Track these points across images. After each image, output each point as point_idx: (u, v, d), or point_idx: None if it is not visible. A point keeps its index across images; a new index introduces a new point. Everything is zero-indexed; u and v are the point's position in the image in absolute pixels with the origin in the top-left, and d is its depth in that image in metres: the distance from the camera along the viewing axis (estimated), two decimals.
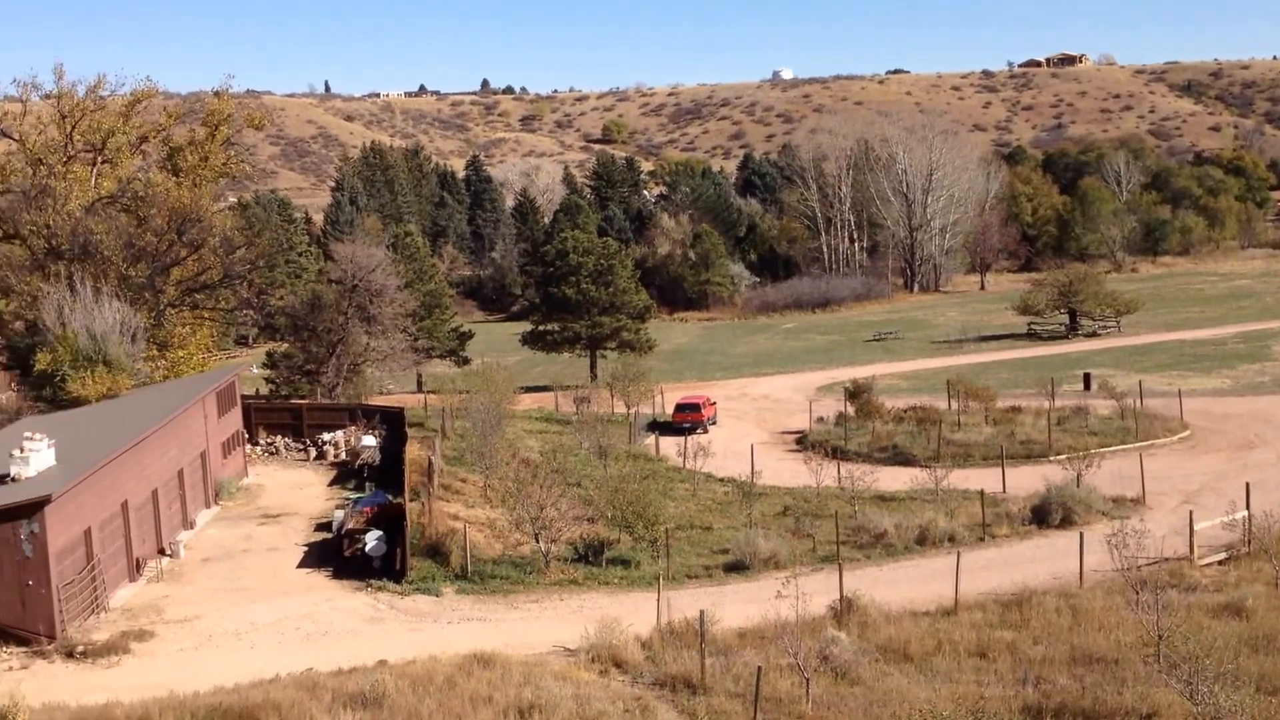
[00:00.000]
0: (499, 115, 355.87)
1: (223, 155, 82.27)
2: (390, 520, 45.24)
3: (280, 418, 66.27)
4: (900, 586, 39.29)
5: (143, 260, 71.34)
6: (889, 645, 32.94)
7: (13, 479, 39.24)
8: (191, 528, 49.68)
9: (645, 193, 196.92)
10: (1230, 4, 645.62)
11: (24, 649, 35.69)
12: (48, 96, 79.33)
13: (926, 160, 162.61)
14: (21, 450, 40.01)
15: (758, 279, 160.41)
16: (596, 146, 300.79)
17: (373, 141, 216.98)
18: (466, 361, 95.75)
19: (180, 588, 42.35)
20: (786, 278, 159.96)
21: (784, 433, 70.88)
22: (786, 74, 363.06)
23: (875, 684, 30.15)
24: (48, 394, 60.10)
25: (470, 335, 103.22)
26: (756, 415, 77.44)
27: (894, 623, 34.82)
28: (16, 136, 79.32)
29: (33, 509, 36.22)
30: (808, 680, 28.52)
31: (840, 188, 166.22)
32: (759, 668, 28.41)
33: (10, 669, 34.34)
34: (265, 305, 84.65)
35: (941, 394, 73.43)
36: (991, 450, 58.76)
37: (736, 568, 42.90)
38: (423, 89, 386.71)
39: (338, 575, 43.01)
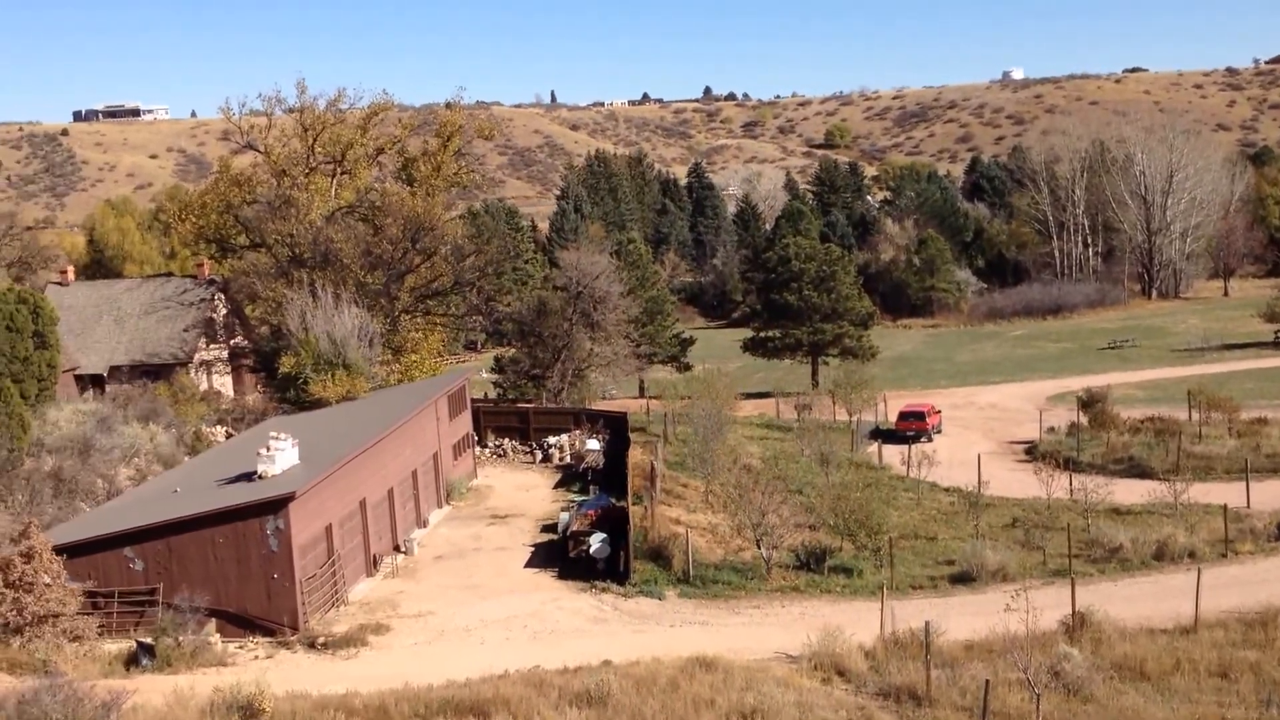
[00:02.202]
0: (721, 122, 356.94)
1: (454, 165, 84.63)
2: (614, 523, 45.83)
3: (507, 421, 67.86)
4: (1136, 603, 37.91)
5: (379, 267, 73.95)
6: (1124, 663, 31.83)
7: (259, 476, 41.17)
8: (425, 526, 51.28)
9: (869, 198, 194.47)
10: None
11: (269, 639, 37.42)
12: (291, 111, 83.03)
13: (1167, 161, 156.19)
14: (268, 449, 41.91)
15: (985, 285, 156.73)
16: (819, 152, 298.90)
17: (597, 150, 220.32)
18: (688, 367, 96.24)
19: (414, 584, 43.77)
20: (1015, 284, 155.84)
21: (1012, 442, 69.17)
22: (1017, 74, 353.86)
23: (1109, 702, 29.17)
24: (291, 395, 62.82)
25: (692, 341, 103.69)
26: (983, 424, 75.75)
27: (1129, 640, 33.64)
28: (262, 149, 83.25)
29: (278, 505, 37.95)
30: (1038, 696, 27.74)
31: (1073, 190, 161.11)
32: (986, 681, 27.80)
33: (256, 658, 36.04)
34: (493, 311, 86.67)
35: (1181, 404, 70.52)
36: (1235, 464, 56.20)
37: (963, 579, 42.09)
38: (646, 97, 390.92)
39: (563, 575, 43.82)
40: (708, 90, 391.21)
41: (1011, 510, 52.13)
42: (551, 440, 64.76)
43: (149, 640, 34.80)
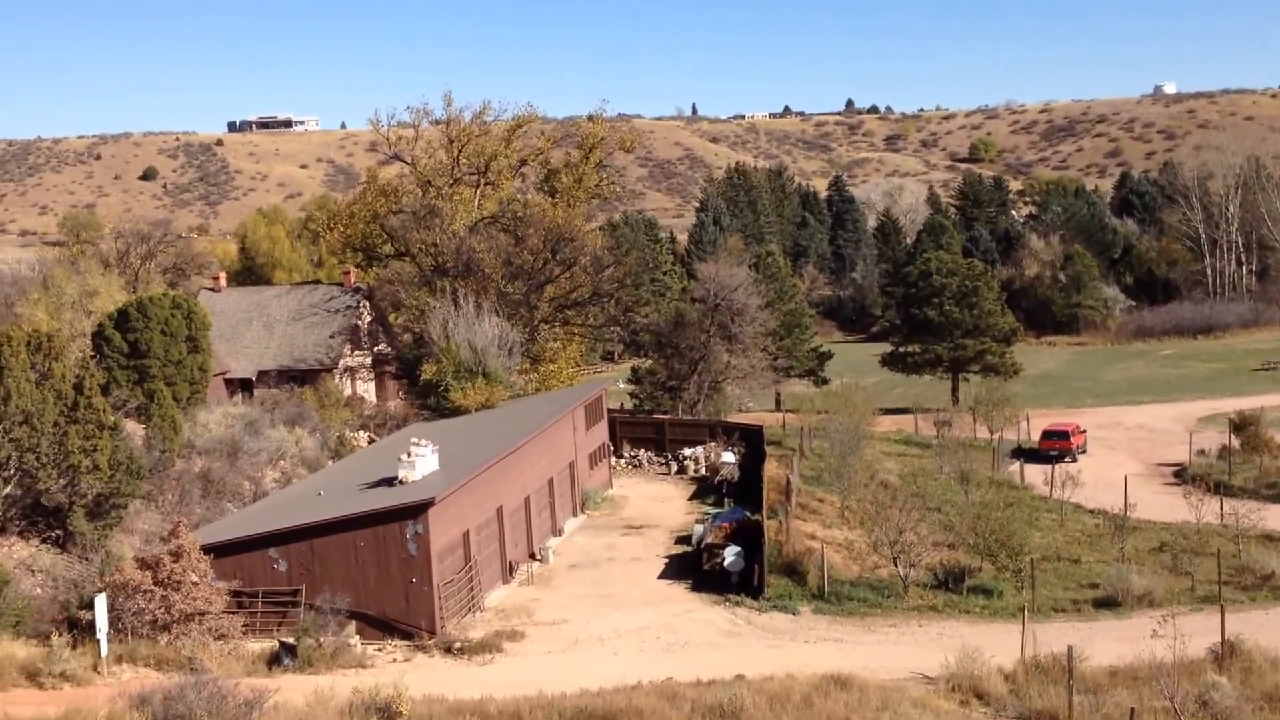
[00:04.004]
0: (863, 135, 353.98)
1: (595, 177, 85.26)
2: (748, 536, 45.61)
3: (643, 432, 68.04)
4: None
5: (520, 277, 74.74)
6: (1275, 694, 30.72)
7: (400, 482, 41.84)
8: (560, 534, 51.61)
9: (1013, 212, 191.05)
10: None
11: (406, 642, 37.96)
12: (437, 122, 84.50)
13: None
14: (408, 455, 42.57)
15: (1133, 303, 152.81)
16: (962, 165, 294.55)
17: (737, 162, 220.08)
18: (825, 381, 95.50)
19: (549, 592, 44.05)
20: (1165, 302, 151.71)
21: (1160, 465, 67.28)
22: (1169, 88, 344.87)
23: None
24: (432, 402, 63.80)
25: (829, 355, 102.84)
26: (1130, 445, 73.80)
27: None
28: (409, 160, 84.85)
29: (418, 511, 38.50)
30: None
31: (1227, 207, 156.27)
32: (1132, 709, 27.03)
33: (394, 660, 36.57)
34: (631, 322, 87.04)
35: None
36: None
37: (1107, 604, 41.08)
38: (787, 110, 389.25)
39: (696, 588, 43.73)
40: (850, 103, 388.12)
41: (1159, 534, 50.76)
42: (687, 452, 64.75)
43: (291, 640, 35.50)
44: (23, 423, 39.81)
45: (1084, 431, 71.98)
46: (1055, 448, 68.32)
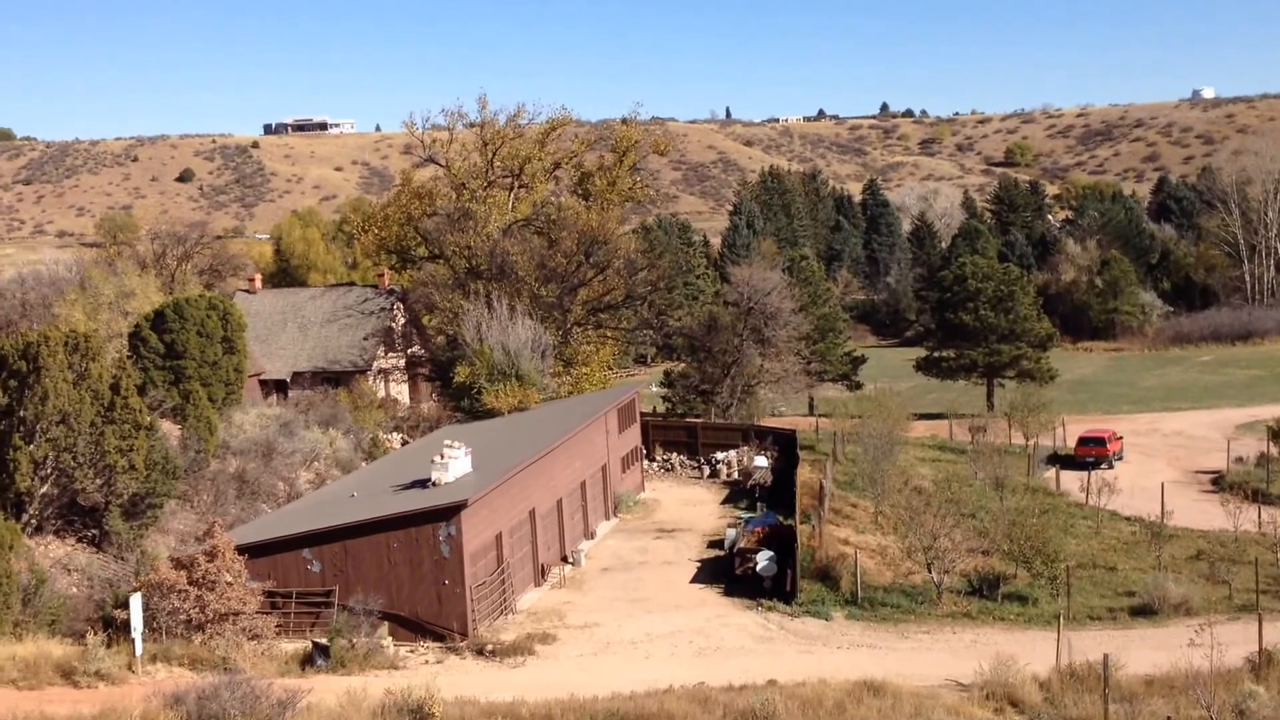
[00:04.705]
0: (897, 139, 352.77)
1: (629, 180, 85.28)
2: (781, 541, 45.46)
3: (676, 435, 67.95)
4: None
5: (553, 280, 74.81)
6: None
7: (433, 484, 41.91)
8: (592, 537, 51.59)
9: (1049, 217, 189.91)
10: None
11: (439, 644, 38.01)
12: (472, 125, 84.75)
13: None
14: (441, 457, 42.65)
15: (1171, 309, 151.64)
16: (998, 170, 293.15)
17: (771, 166, 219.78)
18: (859, 386, 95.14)
19: (581, 595, 44.03)
20: (1203, 308, 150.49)
21: (1198, 472, 66.71)
22: (1207, 93, 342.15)
23: None
24: (465, 405, 63.94)
25: (863, 360, 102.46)
26: (1167, 452, 73.22)
27: None
28: (444, 162, 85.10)
29: (451, 512, 38.55)
30: None
31: (1266, 213, 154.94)
32: (1168, 718, 26.74)
33: (426, 662, 36.64)
34: (664, 325, 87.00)
35: None
36: None
37: (1143, 612, 40.76)
38: (821, 113, 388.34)
39: (729, 592, 43.63)
40: (884, 107, 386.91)
41: (1196, 542, 50.33)
42: (719, 456, 64.62)
43: (324, 641, 35.61)
44: (60, 422, 40.10)
45: (1120, 438, 71.49)
46: (1091, 454, 67.86)
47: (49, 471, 40.58)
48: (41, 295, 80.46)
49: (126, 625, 33.49)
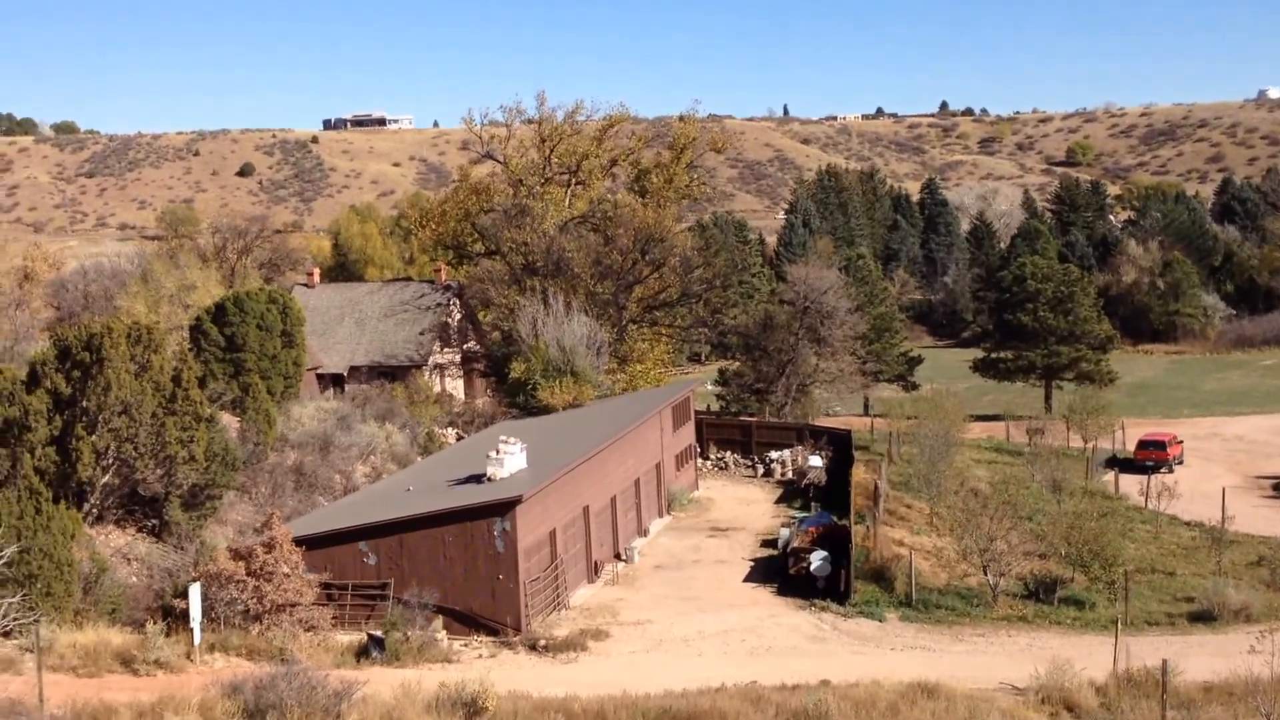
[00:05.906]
0: (957, 137, 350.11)
1: (686, 177, 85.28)
2: (835, 541, 45.29)
3: (730, 434, 67.81)
4: None
5: (609, 277, 74.91)
6: None
7: (488, 479, 42.08)
8: (645, 535, 51.61)
9: (1111, 218, 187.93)
10: None
11: (492, 638, 38.17)
12: (530, 121, 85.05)
13: None
14: (497, 452, 42.80)
15: (1234, 311, 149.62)
16: (1059, 169, 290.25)
17: (828, 164, 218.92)
18: (915, 386, 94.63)
19: (634, 592, 44.06)
20: (1267, 311, 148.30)
21: (1260, 477, 65.84)
22: (1273, 93, 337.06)
23: None
24: (520, 400, 64.14)
25: (919, 360, 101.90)
26: (1229, 457, 72.30)
27: None
28: (501, 159, 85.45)
29: (505, 508, 38.70)
30: None
31: None
32: None
33: (480, 656, 36.79)
34: (719, 324, 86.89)
35: None
36: None
37: (1202, 618, 40.28)
38: (880, 111, 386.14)
39: (782, 592, 43.51)
40: (944, 105, 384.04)
41: (1257, 548, 49.70)
42: (773, 455, 64.44)
43: (379, 633, 35.85)
44: (122, 413, 40.59)
45: (1181, 442, 70.65)
46: (1151, 458, 67.14)
47: (110, 461, 41.08)
48: (104, 287, 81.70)
49: (185, 615, 33.83)
